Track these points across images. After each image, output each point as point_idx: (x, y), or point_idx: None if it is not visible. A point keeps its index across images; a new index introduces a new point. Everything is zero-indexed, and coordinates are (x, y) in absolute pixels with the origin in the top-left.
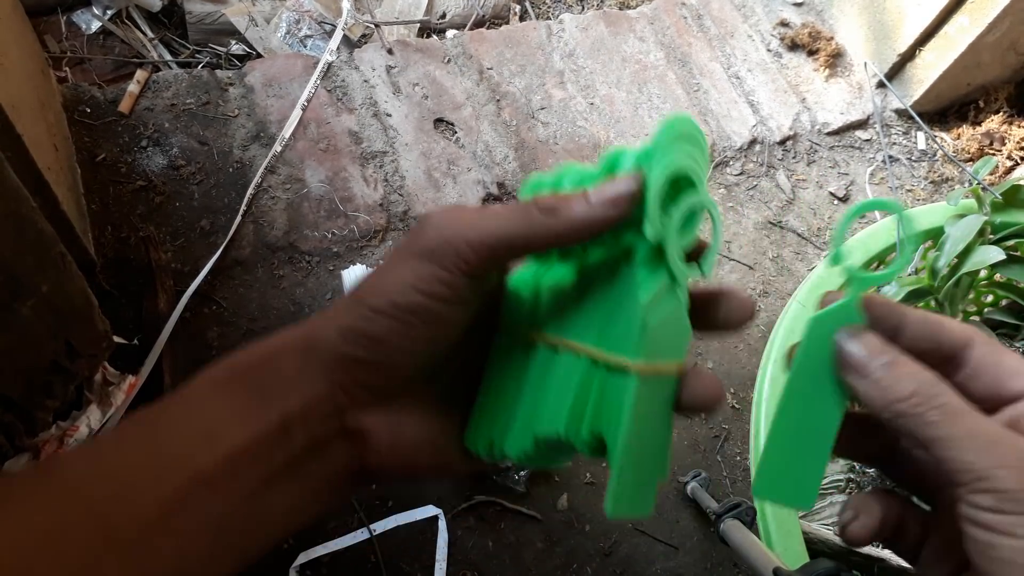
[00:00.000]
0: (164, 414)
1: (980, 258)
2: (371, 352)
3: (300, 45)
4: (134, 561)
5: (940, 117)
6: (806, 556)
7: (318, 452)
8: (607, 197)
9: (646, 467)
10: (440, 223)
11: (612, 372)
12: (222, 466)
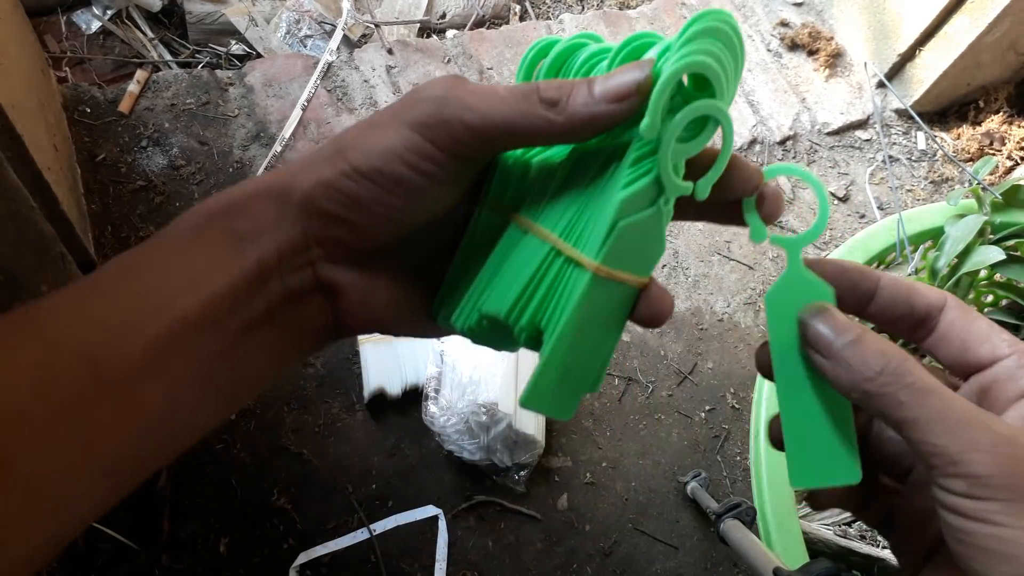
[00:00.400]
0: (144, 259)
1: (980, 258)
2: (348, 211)
3: (300, 45)
4: (125, 402)
5: (940, 117)
6: (806, 556)
7: (295, 301)
8: (611, 89)
9: (576, 371)
10: (437, 96)
11: (568, 266)
12: (205, 310)
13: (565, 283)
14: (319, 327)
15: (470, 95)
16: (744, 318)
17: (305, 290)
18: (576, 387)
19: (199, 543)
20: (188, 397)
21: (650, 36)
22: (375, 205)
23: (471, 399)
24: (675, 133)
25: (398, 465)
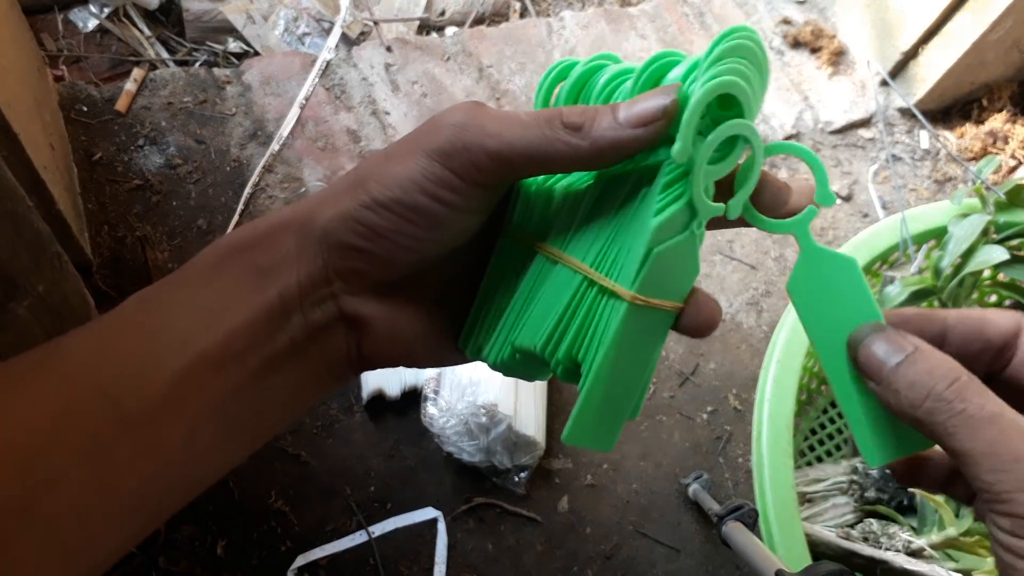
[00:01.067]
0: (165, 295)
1: (984, 258)
2: (369, 243)
3: (298, 43)
4: (144, 442)
5: (943, 116)
6: (809, 558)
7: (318, 336)
8: (637, 114)
9: (616, 401)
10: (458, 123)
11: (603, 296)
12: (224, 346)
13: (601, 314)
14: (343, 361)
15: (491, 121)
16: (747, 318)
17: (328, 323)
18: (616, 416)
19: (196, 545)
20: (208, 435)
21: (673, 55)
22: (396, 236)
23: (470, 400)
24: (707, 155)
25: (397, 467)
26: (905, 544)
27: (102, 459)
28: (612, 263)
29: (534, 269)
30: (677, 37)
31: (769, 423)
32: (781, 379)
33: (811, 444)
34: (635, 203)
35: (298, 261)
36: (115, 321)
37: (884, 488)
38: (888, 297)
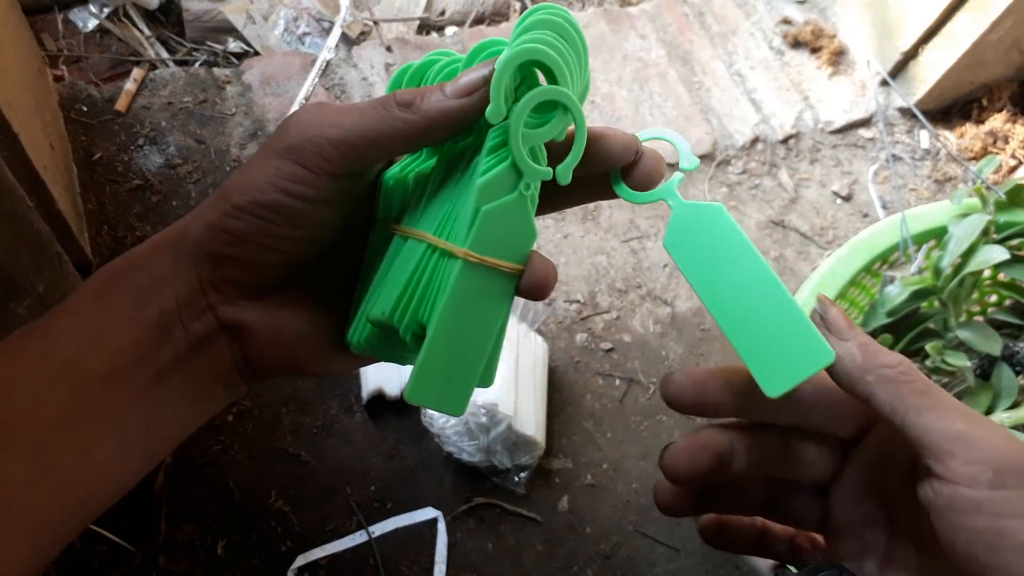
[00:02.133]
0: (52, 324)
1: (984, 258)
2: (236, 249)
3: (298, 43)
4: (39, 465)
5: (943, 115)
6: None
7: (201, 347)
8: (462, 85)
9: (461, 363)
10: (302, 120)
11: (443, 259)
12: (111, 367)
13: (442, 276)
14: (230, 371)
15: (332, 114)
16: None
17: (210, 334)
18: (464, 380)
19: (196, 545)
20: (104, 453)
21: (498, 43)
22: (259, 237)
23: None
24: (521, 118)
25: (397, 467)
26: None
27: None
28: (451, 229)
29: (391, 250)
30: (677, 37)
31: None
32: None
33: None
34: (469, 172)
35: (174, 278)
36: (4, 353)
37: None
38: (888, 297)
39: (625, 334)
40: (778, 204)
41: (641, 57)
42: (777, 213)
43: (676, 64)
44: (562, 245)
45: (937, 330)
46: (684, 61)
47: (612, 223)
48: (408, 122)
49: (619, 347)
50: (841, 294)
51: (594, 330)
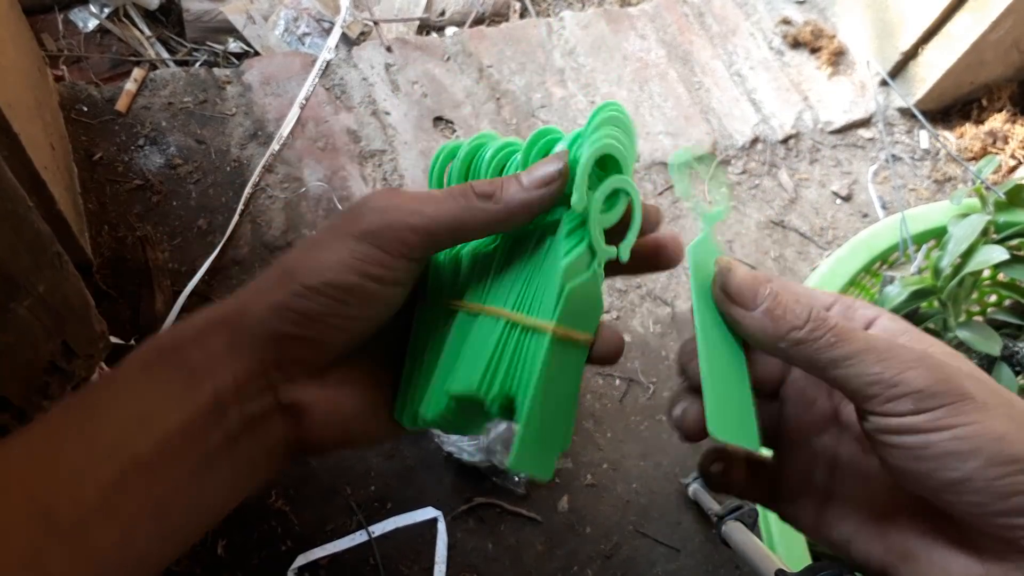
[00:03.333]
0: (96, 399)
1: (984, 258)
2: (304, 329)
3: (298, 43)
4: (78, 548)
5: (943, 116)
6: (808, 558)
7: (254, 428)
8: (539, 177)
9: (551, 430)
10: (381, 206)
11: (527, 333)
12: (159, 449)
13: (527, 349)
14: (281, 449)
15: (411, 201)
16: None
17: (265, 414)
18: (552, 445)
19: (196, 545)
20: (144, 536)
21: (553, 132)
22: (331, 318)
23: None
24: (598, 206)
25: (397, 467)
26: None
27: (36, 570)
28: (531, 305)
29: (457, 326)
30: (677, 37)
31: None
32: None
33: None
34: (542, 253)
35: (230, 357)
36: (46, 429)
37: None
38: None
39: (625, 334)
40: (778, 204)
41: (641, 57)
42: (777, 213)
43: (676, 64)
44: None
45: (937, 330)
46: (684, 61)
47: None
48: (490, 212)
49: None
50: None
51: None
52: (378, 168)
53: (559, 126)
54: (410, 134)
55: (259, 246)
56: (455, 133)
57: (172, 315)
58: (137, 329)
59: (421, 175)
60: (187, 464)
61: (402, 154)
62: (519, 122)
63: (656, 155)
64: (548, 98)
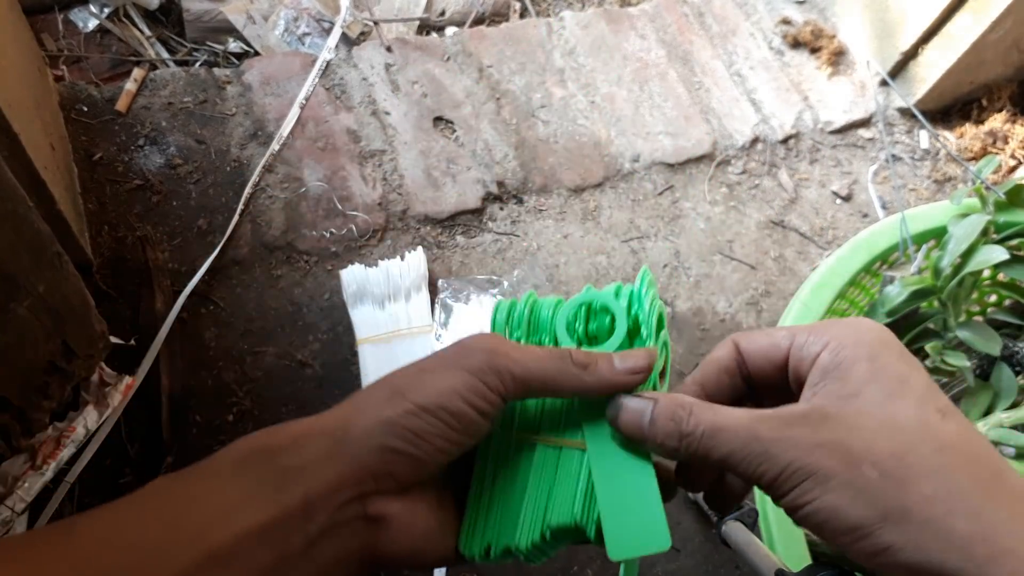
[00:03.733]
0: (184, 486)
1: (984, 258)
2: (410, 445)
3: (298, 43)
4: None
5: (943, 116)
6: (808, 558)
7: (336, 534)
8: (631, 367)
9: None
10: (489, 348)
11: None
12: (236, 545)
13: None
14: (356, 558)
15: (514, 351)
16: (746, 318)
17: (349, 522)
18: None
19: None
20: None
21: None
22: (436, 439)
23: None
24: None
25: None
26: None
27: None
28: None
29: (539, 459)
30: (677, 37)
31: None
32: None
33: None
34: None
35: (327, 464)
36: (132, 506)
37: None
38: (888, 297)
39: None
40: (778, 204)
41: (641, 57)
42: (777, 213)
43: (676, 64)
44: (562, 245)
45: (937, 330)
46: (684, 61)
47: (612, 223)
48: (582, 380)
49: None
50: (841, 294)
51: None
52: (378, 168)
53: (558, 126)
54: (410, 134)
55: (259, 246)
56: (455, 133)
57: (172, 315)
58: (137, 329)
59: (421, 175)
60: (262, 562)
61: (402, 154)
62: (519, 122)
63: (656, 155)
64: (548, 98)
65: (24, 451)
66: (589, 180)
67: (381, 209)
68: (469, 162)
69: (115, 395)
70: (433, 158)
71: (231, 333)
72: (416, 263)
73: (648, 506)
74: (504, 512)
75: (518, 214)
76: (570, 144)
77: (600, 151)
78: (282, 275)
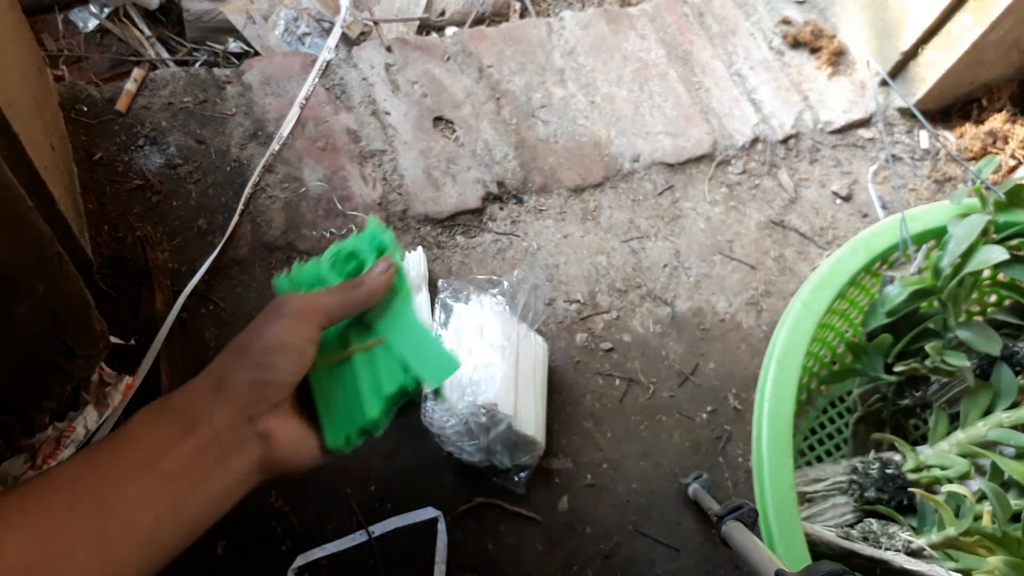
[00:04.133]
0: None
1: (983, 258)
2: (270, 374)
3: (298, 43)
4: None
5: (943, 116)
6: (808, 558)
7: (239, 449)
8: (380, 271)
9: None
10: (296, 298)
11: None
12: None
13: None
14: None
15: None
16: (746, 318)
17: (246, 439)
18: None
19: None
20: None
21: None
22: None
23: (470, 400)
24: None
25: (397, 467)
26: (905, 544)
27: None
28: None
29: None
30: (677, 37)
31: (769, 423)
32: (780, 379)
33: (811, 444)
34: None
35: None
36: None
37: (884, 488)
38: (888, 297)
39: (625, 334)
40: (778, 204)
41: (641, 57)
42: (777, 213)
43: (676, 64)
44: (562, 245)
45: (937, 330)
46: (684, 61)
47: (612, 223)
48: (360, 294)
49: (619, 347)
50: (841, 294)
51: (594, 330)
52: (378, 168)
53: (558, 125)
54: (410, 134)
55: (259, 246)
56: (455, 133)
57: (172, 315)
58: (137, 329)
59: (421, 175)
60: (196, 475)
61: (402, 154)
62: (519, 122)
63: (656, 155)
64: (548, 98)
65: (24, 451)
66: (589, 180)
67: (381, 209)
68: (469, 162)
69: (115, 395)
70: (433, 158)
71: (231, 333)
72: (416, 263)
73: (436, 350)
74: (348, 406)
75: (518, 214)
76: (570, 144)
77: (600, 151)
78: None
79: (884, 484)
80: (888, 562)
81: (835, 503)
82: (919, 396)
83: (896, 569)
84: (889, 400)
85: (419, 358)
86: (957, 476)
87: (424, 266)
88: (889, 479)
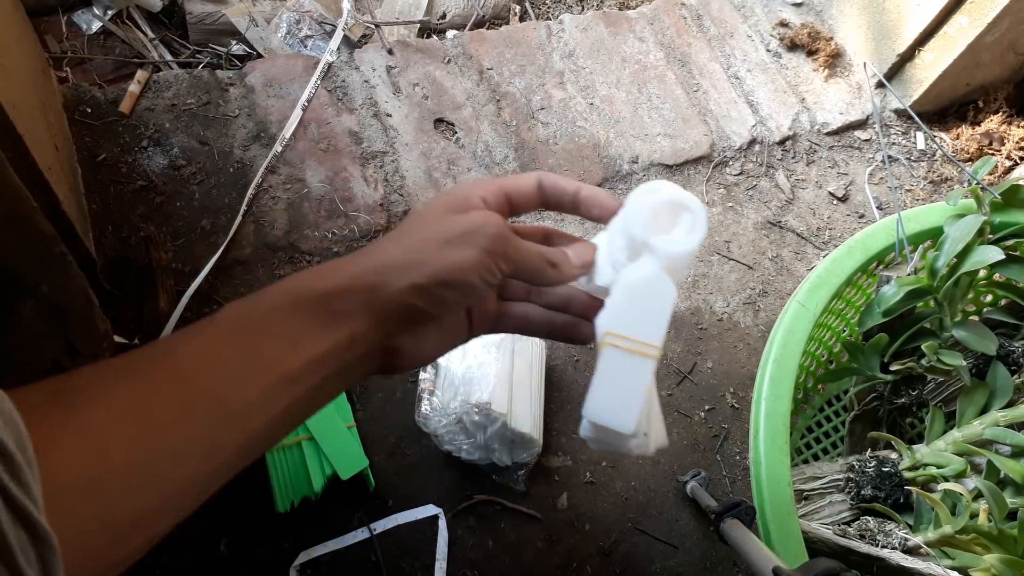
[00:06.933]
0: (254, 319)
1: (979, 258)
2: (431, 307)
3: (300, 45)
4: (241, 431)
5: (939, 117)
6: (805, 555)
7: (366, 359)
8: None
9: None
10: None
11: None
12: (300, 368)
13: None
14: (373, 372)
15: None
16: (744, 318)
17: (374, 351)
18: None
19: (200, 542)
20: (277, 425)
21: None
22: (451, 303)
23: (463, 399)
24: None
25: (398, 464)
26: (901, 541)
27: (211, 440)
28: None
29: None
30: (675, 39)
31: (766, 421)
32: (778, 378)
33: (808, 442)
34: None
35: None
36: (216, 335)
37: (880, 486)
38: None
39: None
40: (775, 205)
41: (640, 59)
42: (774, 214)
43: (674, 66)
44: None
45: (933, 330)
46: (682, 63)
47: None
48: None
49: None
50: (837, 294)
51: None
52: (380, 169)
53: (558, 127)
54: (411, 136)
55: (262, 246)
56: (455, 135)
57: (175, 315)
58: (140, 328)
59: (423, 176)
60: (318, 381)
61: (403, 155)
62: (519, 124)
63: (654, 156)
64: (548, 100)
65: None
66: (588, 181)
67: (383, 210)
68: (470, 163)
69: None
70: (434, 159)
71: None
72: None
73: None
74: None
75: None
76: (569, 145)
77: (599, 152)
78: (285, 275)
79: (881, 482)
80: (885, 559)
81: (832, 501)
82: (915, 395)
83: (893, 566)
84: (885, 399)
85: (339, 453)
86: (953, 474)
87: None
88: (885, 477)
